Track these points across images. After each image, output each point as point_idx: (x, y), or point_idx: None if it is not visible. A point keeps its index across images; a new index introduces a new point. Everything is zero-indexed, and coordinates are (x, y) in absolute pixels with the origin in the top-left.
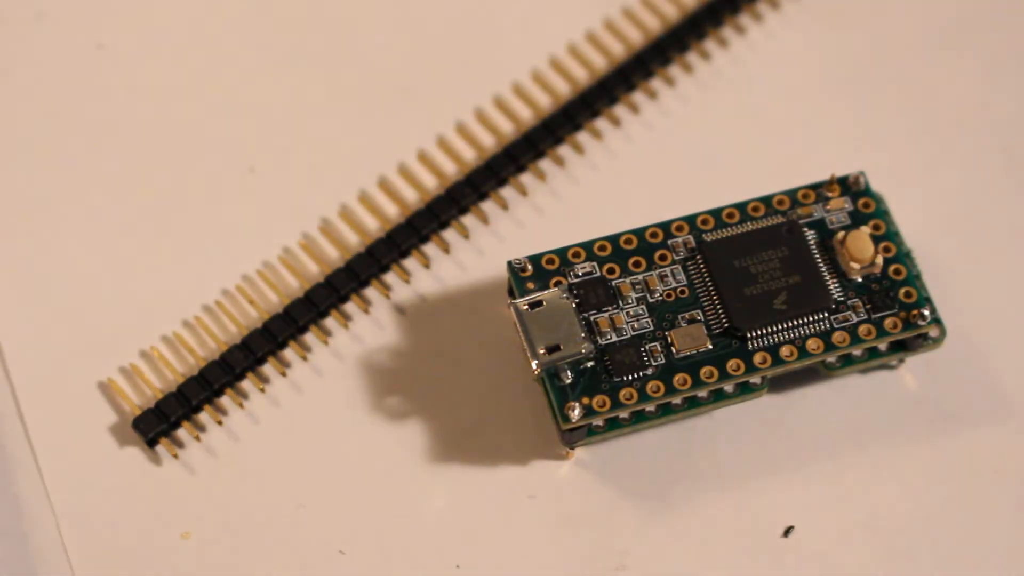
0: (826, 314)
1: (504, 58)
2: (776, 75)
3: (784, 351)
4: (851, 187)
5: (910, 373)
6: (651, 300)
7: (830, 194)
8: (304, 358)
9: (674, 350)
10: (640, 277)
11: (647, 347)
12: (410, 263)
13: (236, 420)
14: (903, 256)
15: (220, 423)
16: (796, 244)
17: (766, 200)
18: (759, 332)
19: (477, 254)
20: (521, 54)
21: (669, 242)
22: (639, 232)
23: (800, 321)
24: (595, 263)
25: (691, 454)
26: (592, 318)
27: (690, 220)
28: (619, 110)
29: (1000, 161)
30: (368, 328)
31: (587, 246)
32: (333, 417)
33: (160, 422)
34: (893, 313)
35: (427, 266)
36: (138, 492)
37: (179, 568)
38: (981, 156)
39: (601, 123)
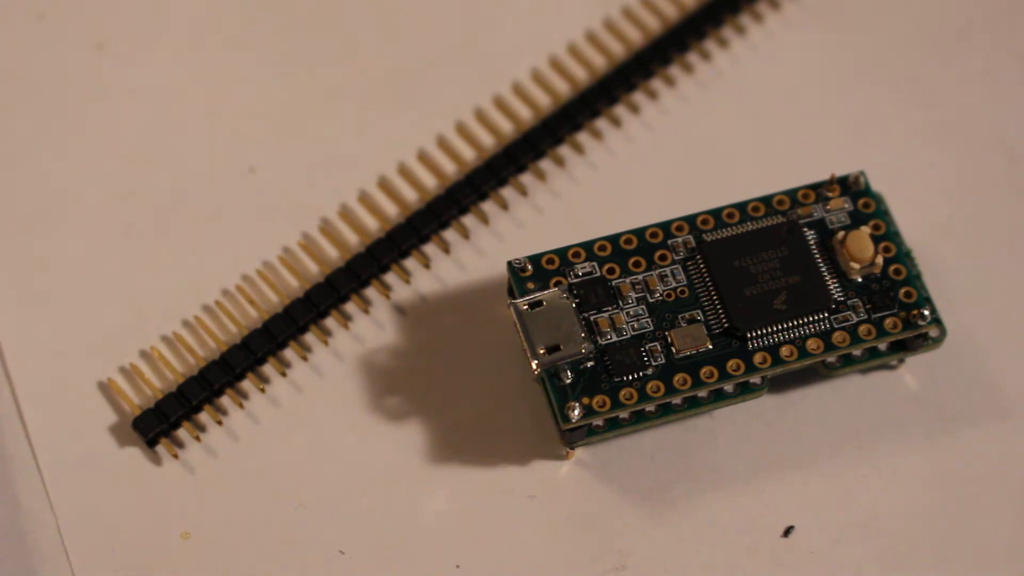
0: (826, 314)
1: (504, 58)
2: (776, 75)
3: (784, 351)
4: (851, 187)
5: (910, 373)
6: (651, 300)
7: (830, 194)
8: (304, 358)
9: (674, 350)
10: (640, 277)
11: (647, 347)
12: (410, 263)
13: (236, 420)
14: (903, 256)
15: (220, 423)
16: (796, 244)
17: (766, 200)
18: (759, 332)
19: (477, 254)
20: (521, 54)
21: (669, 242)
22: (639, 232)
23: (800, 321)
24: (595, 263)
25: (691, 454)
26: (592, 318)
27: (690, 220)
28: (619, 110)
29: (1000, 161)
30: (368, 328)
31: (587, 246)
32: (333, 417)
33: (160, 422)
34: (893, 313)
35: (427, 266)
36: (138, 492)
37: (179, 568)
38: (981, 156)
39: (601, 123)
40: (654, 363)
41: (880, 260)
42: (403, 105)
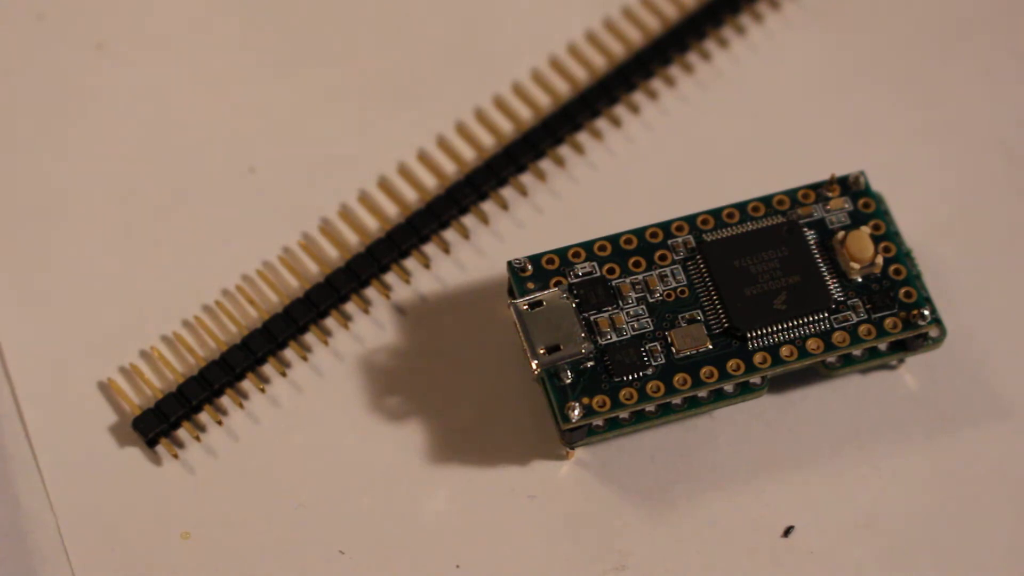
0: (826, 314)
1: (504, 58)
2: (776, 75)
3: (784, 351)
4: (851, 187)
5: (910, 373)
6: (651, 300)
7: (830, 194)
8: (304, 358)
9: (674, 350)
10: (640, 277)
11: (647, 347)
12: (410, 263)
13: (236, 420)
14: (903, 256)
15: (220, 423)
16: (796, 244)
17: (766, 200)
18: (759, 332)
19: (477, 254)
20: (521, 54)
21: (669, 242)
22: (639, 232)
23: (800, 321)
24: (595, 263)
25: (691, 454)
26: (592, 318)
27: (690, 220)
28: (619, 110)
29: (1000, 161)
30: (368, 328)
31: (587, 246)
32: (333, 417)
33: (160, 422)
34: (893, 313)
35: (427, 266)
36: (138, 492)
37: (179, 568)
38: (981, 156)
39: (601, 123)
40: (654, 363)
41: (880, 260)
42: (403, 105)
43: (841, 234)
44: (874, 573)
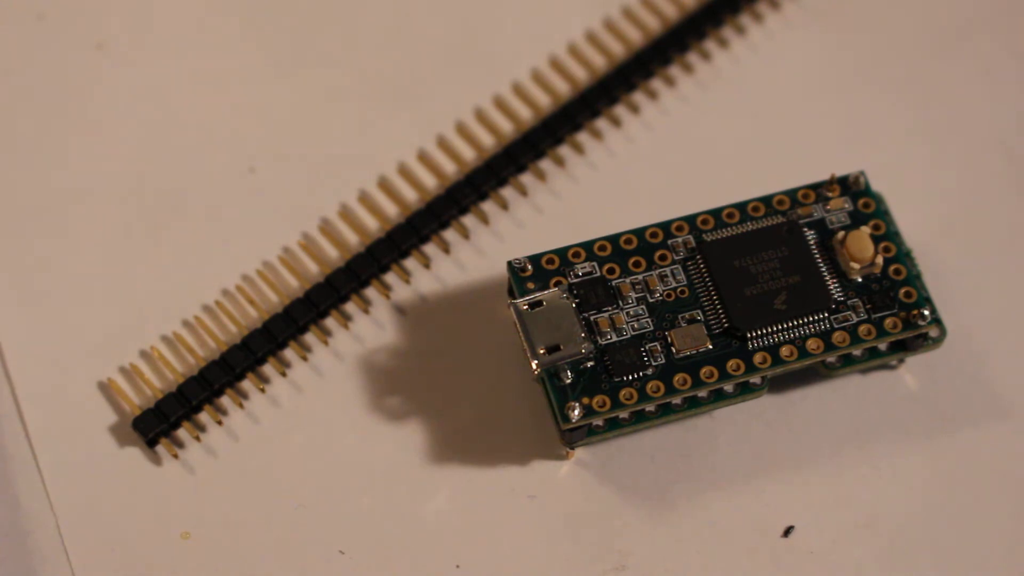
0: (826, 314)
1: (504, 58)
2: (776, 75)
3: (784, 351)
4: (851, 187)
5: (910, 373)
6: (651, 300)
7: (830, 194)
8: (304, 358)
9: (674, 350)
10: (640, 277)
11: (647, 347)
12: (410, 263)
13: (236, 420)
14: (903, 256)
15: (220, 423)
16: (796, 244)
17: (766, 200)
18: (759, 332)
19: (477, 254)
20: (521, 54)
21: (669, 242)
22: (639, 232)
23: (800, 321)
24: (595, 263)
25: (691, 454)
26: (592, 318)
27: (690, 220)
28: (619, 110)
29: (1000, 161)
30: (368, 328)
31: (587, 246)
32: (333, 417)
33: (160, 422)
34: (893, 313)
35: (427, 266)
36: (138, 492)
37: (179, 568)
38: (981, 156)
39: (601, 123)
40: (654, 363)
41: (880, 260)
42: (403, 105)
43: (841, 234)
44: (874, 573)
